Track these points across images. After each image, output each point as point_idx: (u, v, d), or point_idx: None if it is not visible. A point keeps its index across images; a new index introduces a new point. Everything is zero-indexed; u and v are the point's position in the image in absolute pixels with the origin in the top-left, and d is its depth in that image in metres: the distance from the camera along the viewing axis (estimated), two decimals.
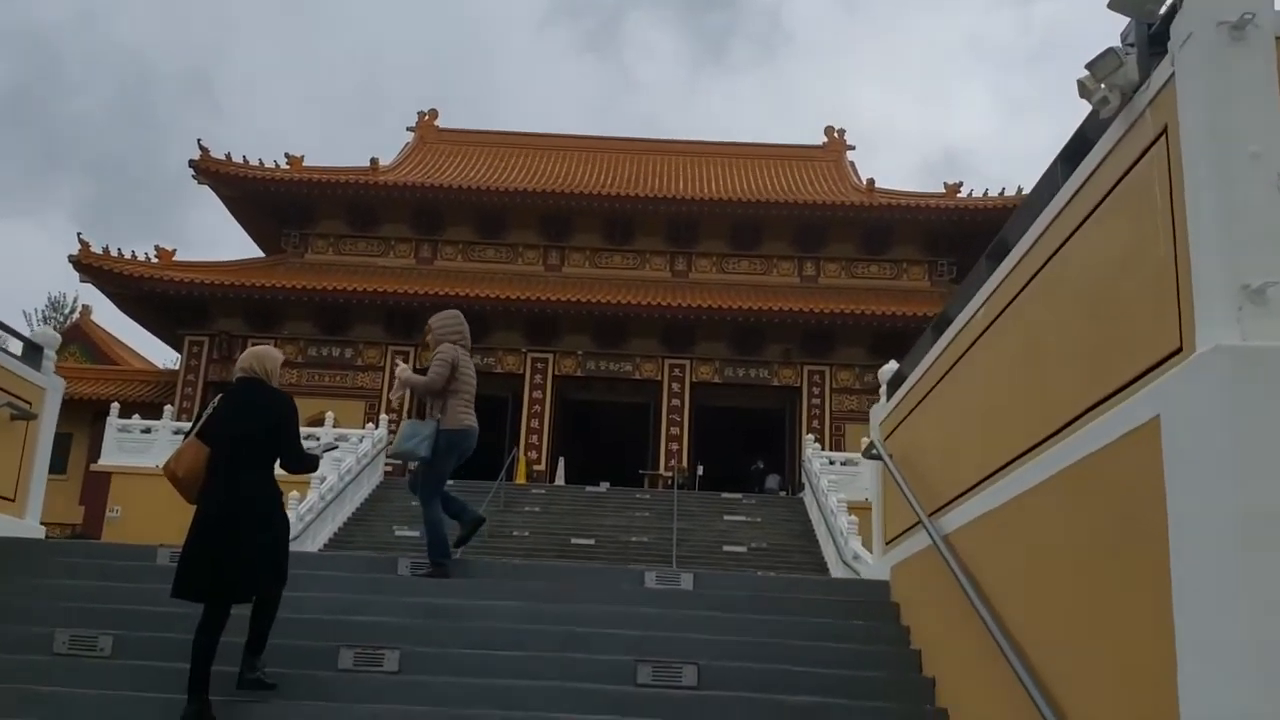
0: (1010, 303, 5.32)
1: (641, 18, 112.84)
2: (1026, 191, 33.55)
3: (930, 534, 5.84)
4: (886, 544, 8.01)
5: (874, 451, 7.93)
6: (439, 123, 42.26)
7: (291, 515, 22.04)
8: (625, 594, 7.19)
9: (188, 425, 27.96)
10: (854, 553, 21.19)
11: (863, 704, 5.73)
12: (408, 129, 41.89)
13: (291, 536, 18.57)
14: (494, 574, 7.73)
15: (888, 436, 8.04)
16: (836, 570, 21.99)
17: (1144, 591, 3.43)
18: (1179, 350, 3.48)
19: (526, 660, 6.07)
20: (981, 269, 6.04)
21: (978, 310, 5.87)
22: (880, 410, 8.60)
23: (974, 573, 5.26)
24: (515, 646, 6.27)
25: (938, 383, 6.66)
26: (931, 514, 6.15)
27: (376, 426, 28.68)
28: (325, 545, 23.55)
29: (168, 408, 29.27)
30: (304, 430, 26.61)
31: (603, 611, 6.79)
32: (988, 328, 5.67)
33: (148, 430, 28.34)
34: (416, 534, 25.38)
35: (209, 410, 5.61)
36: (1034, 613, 4.53)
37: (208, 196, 36.09)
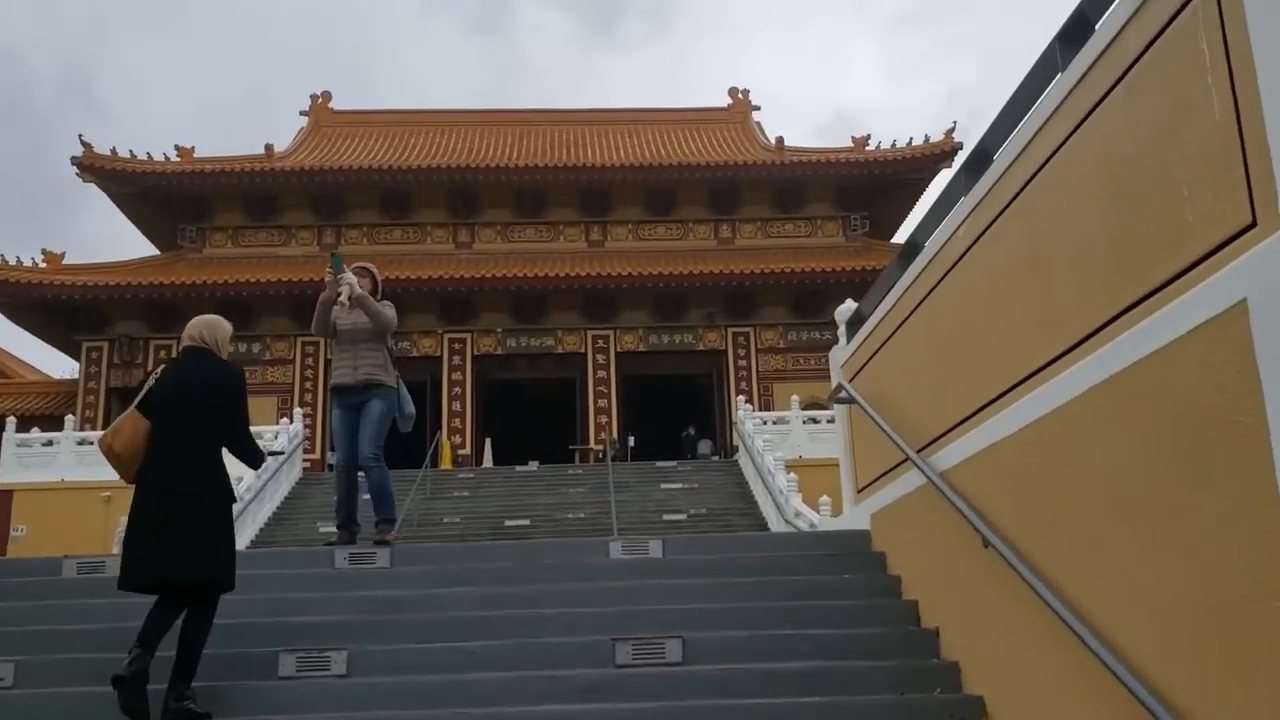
0: (1001, 213, 4.83)
1: None
2: (934, 140, 33.66)
3: (926, 473, 5.35)
4: (859, 491, 7.53)
5: (842, 394, 7.44)
6: (333, 105, 40.74)
7: None
8: (591, 568, 6.59)
9: (95, 434, 26.41)
10: (795, 510, 20.91)
11: (863, 664, 5.24)
12: (301, 113, 40.32)
13: None
14: (443, 558, 7.06)
15: (851, 379, 7.54)
16: (778, 529, 21.69)
17: (1230, 501, 2.96)
18: (1252, 225, 2.99)
19: (490, 650, 5.45)
20: (959, 183, 5.56)
21: (958, 228, 5.38)
22: (840, 353, 8.11)
23: (983, 510, 4.78)
24: (476, 635, 5.65)
25: (910, 314, 6.18)
26: (918, 452, 5.67)
27: (291, 421, 27.54)
28: (248, 547, 22.49)
29: (69, 418, 27.69)
30: None
31: (569, 589, 6.19)
32: (972, 245, 5.17)
33: (49, 443, 26.80)
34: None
35: (150, 380, 5.10)
36: (1066, 545, 4.05)
37: (100, 200, 34.25)
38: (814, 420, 27.33)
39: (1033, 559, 4.23)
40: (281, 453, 5.96)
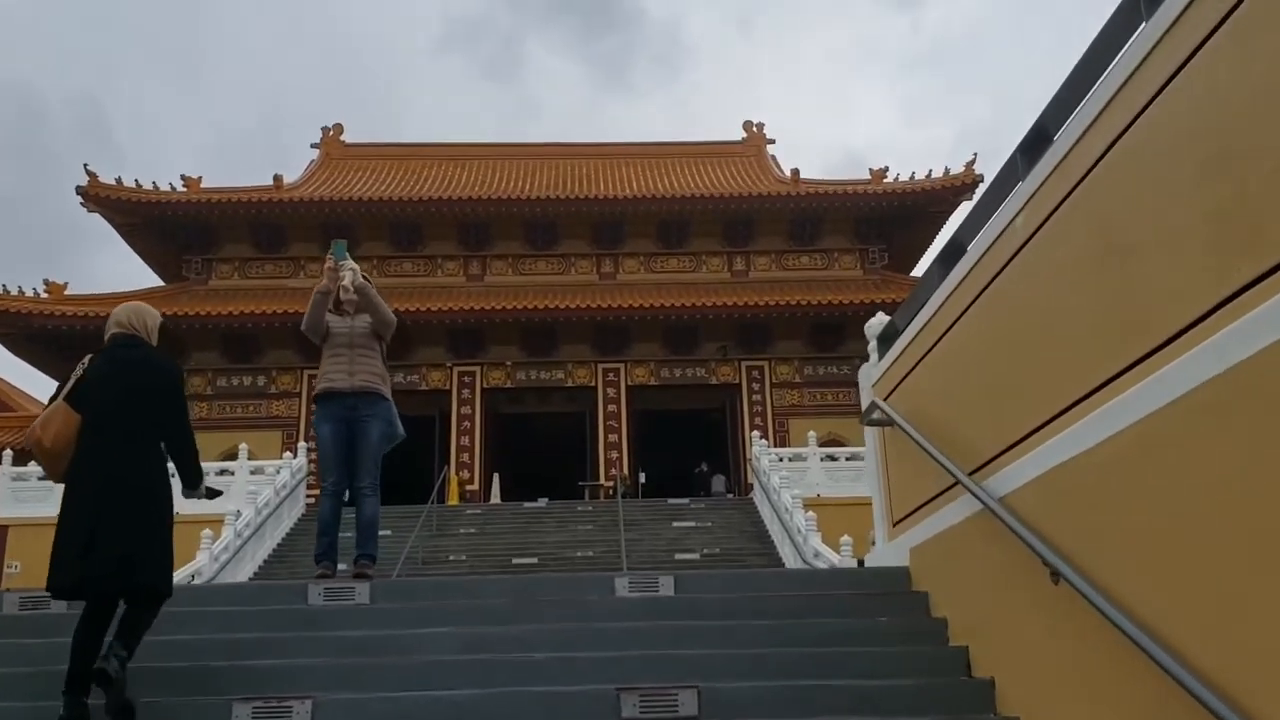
0: (1067, 197, 4.16)
1: (538, 43, 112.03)
2: (954, 172, 33.05)
3: (981, 498, 4.62)
4: (895, 524, 6.78)
5: (876, 414, 6.71)
6: (345, 138, 40.45)
7: (205, 556, 20.26)
8: (594, 607, 5.85)
9: None
10: (814, 550, 20.07)
11: None
12: (311, 145, 40.03)
13: (207, 579, 16.49)
14: (429, 594, 6.33)
15: (885, 398, 6.82)
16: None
17: None
18: None
19: (477, 701, 4.70)
20: (1013, 170, 4.89)
21: (1014, 218, 4.69)
22: (871, 371, 7.40)
23: (1052, 540, 4.05)
24: (461, 683, 4.91)
25: (955, 321, 5.47)
26: (970, 475, 4.94)
27: (295, 455, 26.86)
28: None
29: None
30: (217, 464, 24.34)
31: (568, 630, 5.45)
32: (1032, 236, 4.48)
33: (45, 477, 26.16)
34: (343, 567, 23.67)
35: (80, 370, 4.73)
36: (1165, 580, 3.31)
37: (114, 238, 33.88)
38: (832, 458, 26.51)
39: (1120, 597, 3.50)
40: (221, 492, 5.49)
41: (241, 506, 23.19)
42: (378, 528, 6.98)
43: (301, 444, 27.90)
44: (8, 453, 26.95)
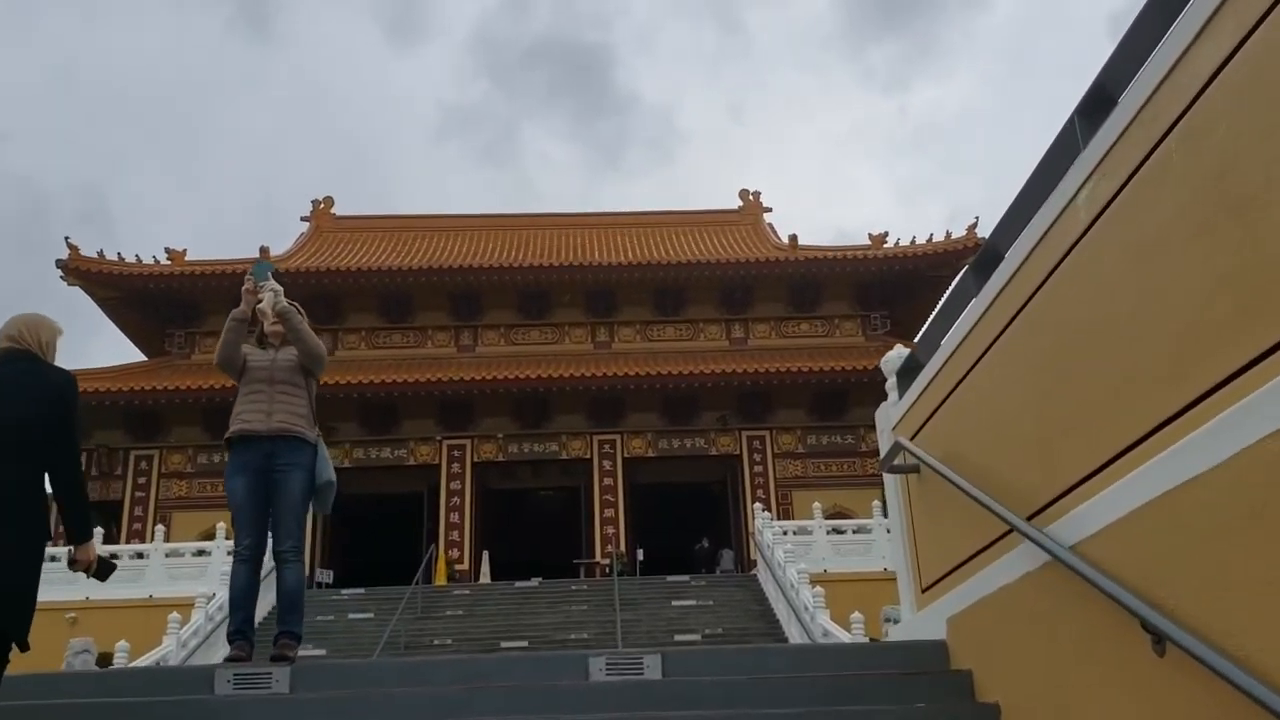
0: (1154, 150, 3.21)
1: (535, 130, 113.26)
2: (956, 236, 32.36)
3: (1048, 548, 3.57)
4: (924, 590, 5.70)
5: (898, 460, 5.69)
6: (336, 210, 39.87)
7: (171, 641, 18.98)
8: (563, 694, 4.74)
9: (65, 550, 24.53)
10: (823, 629, 18.81)
11: None
12: (302, 218, 39.43)
13: (175, 665, 15.03)
14: (363, 679, 5.23)
15: (910, 440, 5.79)
16: None
17: None
18: None
19: None
20: (1071, 139, 3.95)
21: (1074, 197, 3.74)
22: (890, 411, 6.38)
23: (1149, 597, 3.02)
24: None
25: (995, 341, 4.48)
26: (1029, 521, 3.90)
27: None
28: None
29: None
30: (194, 545, 23.00)
31: None
32: (1100, 214, 3.53)
33: None
34: (322, 651, 22.42)
35: None
36: None
37: (106, 320, 33.12)
38: (838, 530, 25.31)
39: (1261, 670, 2.47)
40: (115, 566, 4.73)
41: (217, 588, 21.95)
42: (303, 599, 5.91)
43: None
44: None
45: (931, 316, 5.84)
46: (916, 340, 6.20)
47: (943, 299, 5.64)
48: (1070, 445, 3.69)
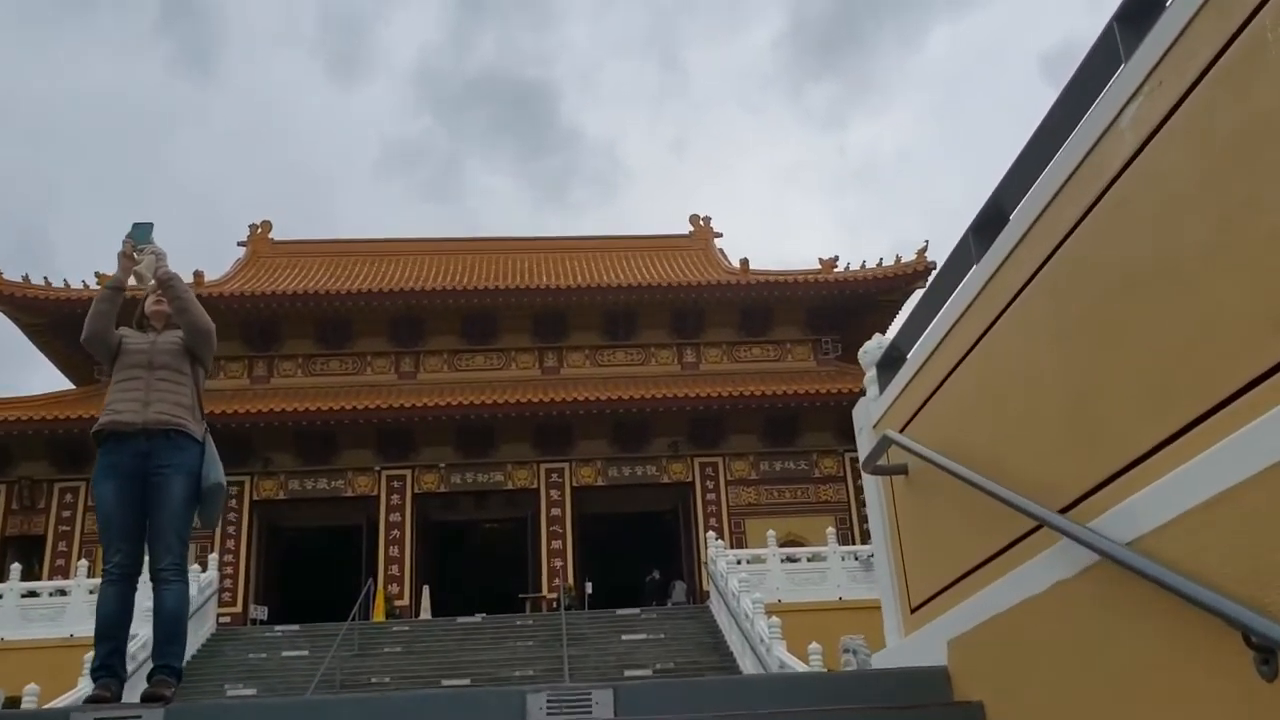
0: (1232, 46, 2.49)
1: (477, 165, 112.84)
2: (906, 260, 32.03)
3: (1102, 549, 2.80)
4: (914, 610, 4.91)
5: (884, 461, 4.93)
6: (274, 235, 38.65)
7: (87, 682, 17.66)
8: None
9: None
10: (779, 660, 18.01)
11: None
12: (239, 244, 38.12)
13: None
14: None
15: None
16: None
17: None
18: None
19: None
20: (1113, 46, 3.23)
21: (1113, 121, 3.02)
22: (871, 407, 5.63)
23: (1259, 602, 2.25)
24: None
25: (1003, 312, 3.75)
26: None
27: (204, 569, 24.33)
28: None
29: None
30: (95, 582, 21.81)
31: None
32: (1154, 136, 2.81)
33: None
34: (252, 691, 21.17)
35: None
36: None
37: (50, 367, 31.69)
38: (793, 559, 24.56)
39: None
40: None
41: (140, 627, 20.63)
42: (184, 626, 4.99)
43: (212, 556, 25.38)
44: None
45: (917, 300, 5.10)
46: (898, 335, 5.45)
47: (929, 282, 4.90)
48: (1120, 419, 2.93)
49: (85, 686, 17.61)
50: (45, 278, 30.46)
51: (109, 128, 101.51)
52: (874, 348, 5.97)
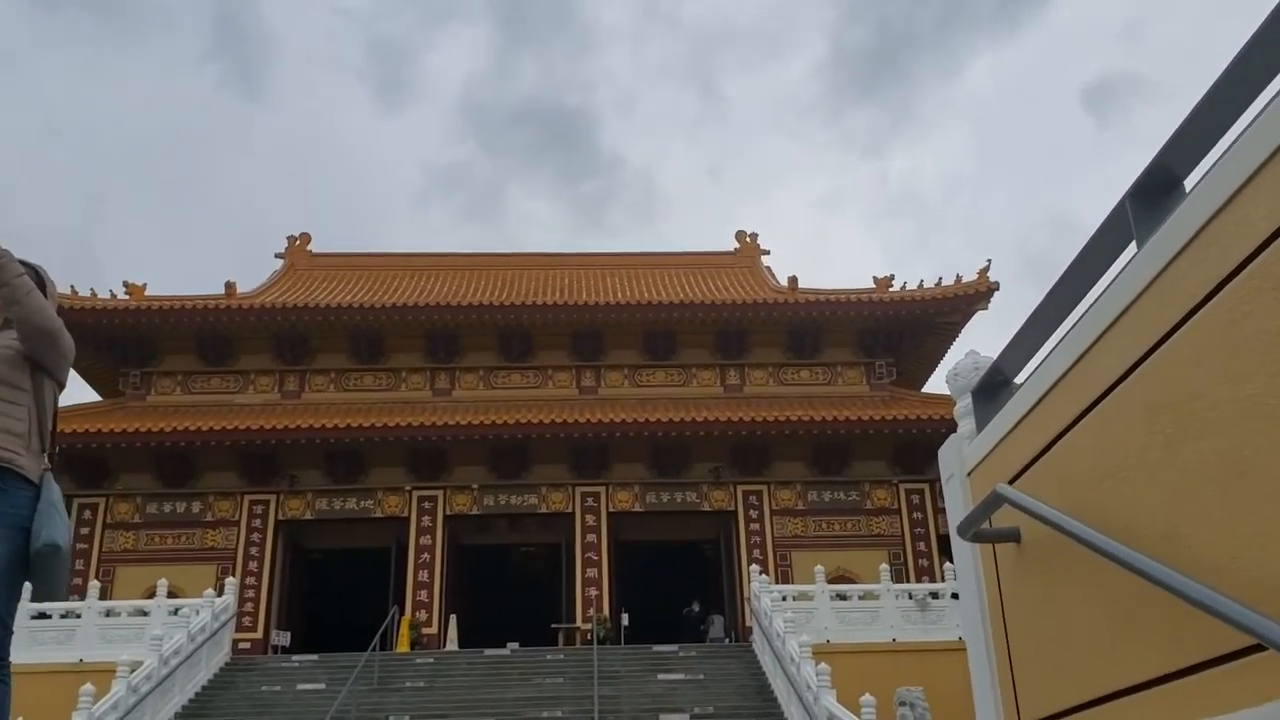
0: None
1: (518, 190, 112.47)
2: (967, 279, 30.39)
3: None
4: None
5: (987, 524, 3.50)
6: (313, 248, 37.84)
7: (82, 717, 16.57)
8: None
9: None
10: (828, 713, 16.45)
11: None
12: (276, 255, 37.34)
13: None
14: None
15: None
16: None
17: None
18: None
19: None
20: None
21: None
22: (965, 449, 4.18)
23: None
24: None
25: (1189, 316, 2.30)
26: None
27: (220, 593, 23.27)
28: None
29: None
30: (131, 603, 20.48)
31: None
32: None
33: None
34: None
35: None
36: None
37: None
38: (842, 596, 22.96)
39: None
40: None
41: (147, 654, 19.58)
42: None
43: (230, 580, 24.30)
44: None
45: (1036, 307, 3.67)
46: (1004, 347, 4.02)
47: (1057, 281, 3.50)
48: None
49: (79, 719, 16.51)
50: (72, 286, 29.69)
51: (157, 146, 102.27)
52: (967, 369, 4.51)
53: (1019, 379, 3.86)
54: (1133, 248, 2.76)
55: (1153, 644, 2.38)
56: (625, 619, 26.61)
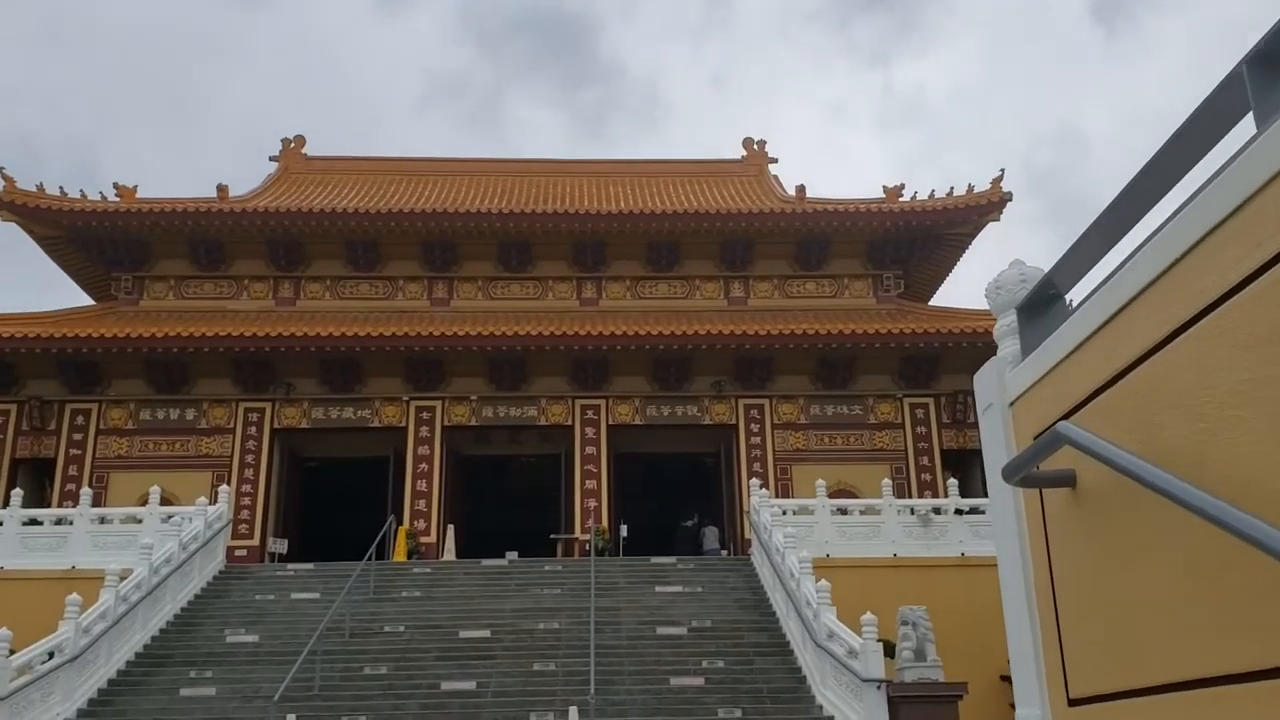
0: None
1: (518, 97, 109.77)
2: (979, 189, 29.55)
3: None
4: (1075, 703, 2.95)
5: (1039, 468, 2.94)
6: (308, 151, 36.85)
7: (69, 628, 16.34)
8: None
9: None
10: (827, 629, 16.21)
11: None
12: (270, 159, 36.39)
13: (71, 655, 12.43)
14: None
15: (1048, 425, 3.03)
16: (805, 654, 16.98)
17: None
18: None
19: None
20: None
21: None
22: (1009, 375, 3.62)
23: None
24: None
25: None
26: None
27: (213, 501, 23.00)
28: (132, 661, 17.86)
29: None
30: (124, 510, 20.16)
31: None
32: None
33: None
34: (254, 638, 19.82)
35: None
36: None
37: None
38: (844, 511, 22.68)
39: None
40: None
41: (137, 562, 19.36)
42: None
43: (224, 488, 24.01)
44: None
45: (1107, 206, 3.05)
46: (1062, 255, 3.41)
47: (1136, 176, 2.87)
48: None
49: (66, 630, 16.31)
50: (61, 188, 28.94)
51: (156, 55, 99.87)
52: (1010, 281, 3.91)
53: (1080, 298, 3.29)
54: (1248, 126, 2.15)
55: (1253, 626, 1.86)
56: (624, 531, 26.43)
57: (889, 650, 15.83)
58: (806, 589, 17.35)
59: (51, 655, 15.94)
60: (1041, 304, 3.54)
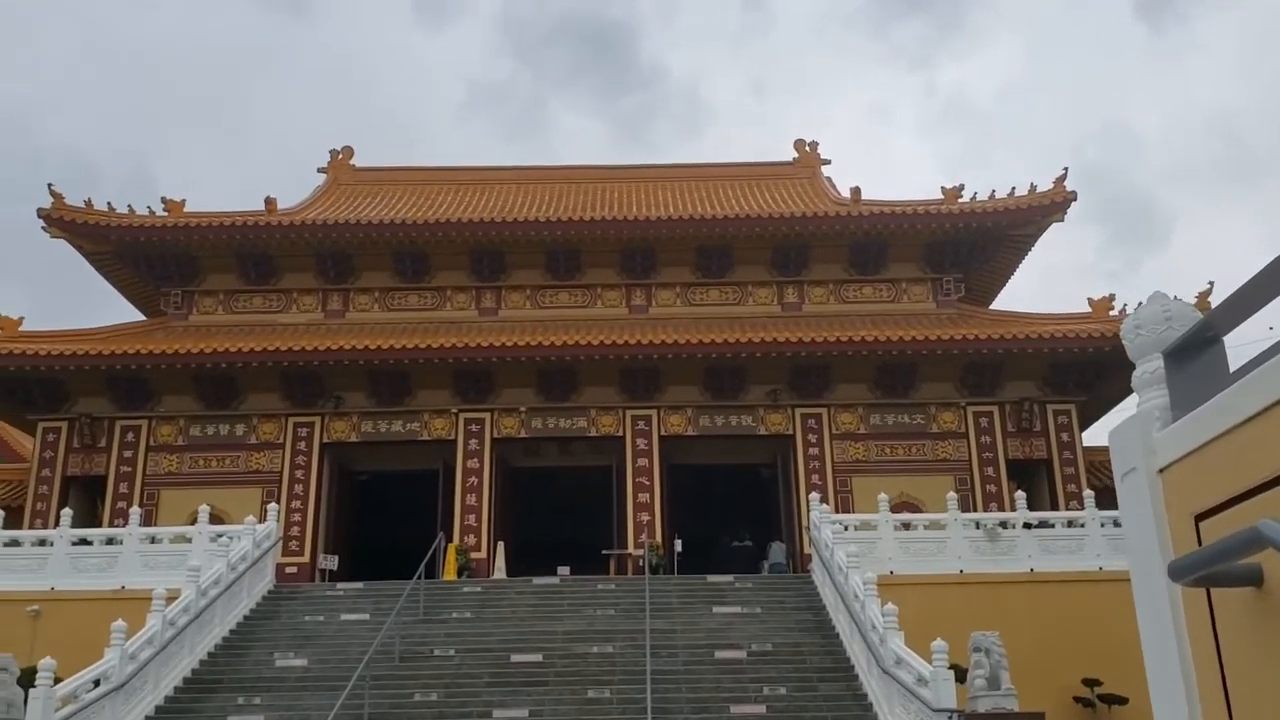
0: None
1: (559, 106, 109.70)
2: (1042, 189, 28.51)
3: None
4: None
5: (1222, 566, 2.23)
6: (355, 161, 36.66)
7: (114, 654, 16.00)
8: None
9: (25, 534, 21.40)
10: (895, 655, 15.41)
11: None
12: (318, 170, 36.22)
13: (117, 683, 11.91)
14: None
15: (1218, 507, 2.33)
16: (871, 680, 16.19)
17: None
18: None
19: None
20: None
21: None
22: (1158, 436, 2.92)
23: None
24: None
25: None
26: None
27: (262, 519, 22.69)
28: (180, 687, 17.52)
29: None
30: (173, 530, 19.74)
31: None
32: None
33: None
34: (304, 662, 19.44)
35: None
36: None
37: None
38: (907, 526, 21.84)
39: None
40: None
41: (185, 584, 19.04)
42: None
43: (273, 505, 23.70)
44: None
45: None
46: (1230, 295, 2.70)
47: None
48: None
49: (111, 657, 15.97)
50: (109, 203, 28.91)
51: (203, 68, 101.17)
52: (1153, 319, 3.24)
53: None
54: None
55: None
56: (678, 545, 25.78)
57: (959, 676, 15.04)
58: (872, 612, 16.57)
59: (97, 683, 15.61)
60: (1196, 348, 2.86)
